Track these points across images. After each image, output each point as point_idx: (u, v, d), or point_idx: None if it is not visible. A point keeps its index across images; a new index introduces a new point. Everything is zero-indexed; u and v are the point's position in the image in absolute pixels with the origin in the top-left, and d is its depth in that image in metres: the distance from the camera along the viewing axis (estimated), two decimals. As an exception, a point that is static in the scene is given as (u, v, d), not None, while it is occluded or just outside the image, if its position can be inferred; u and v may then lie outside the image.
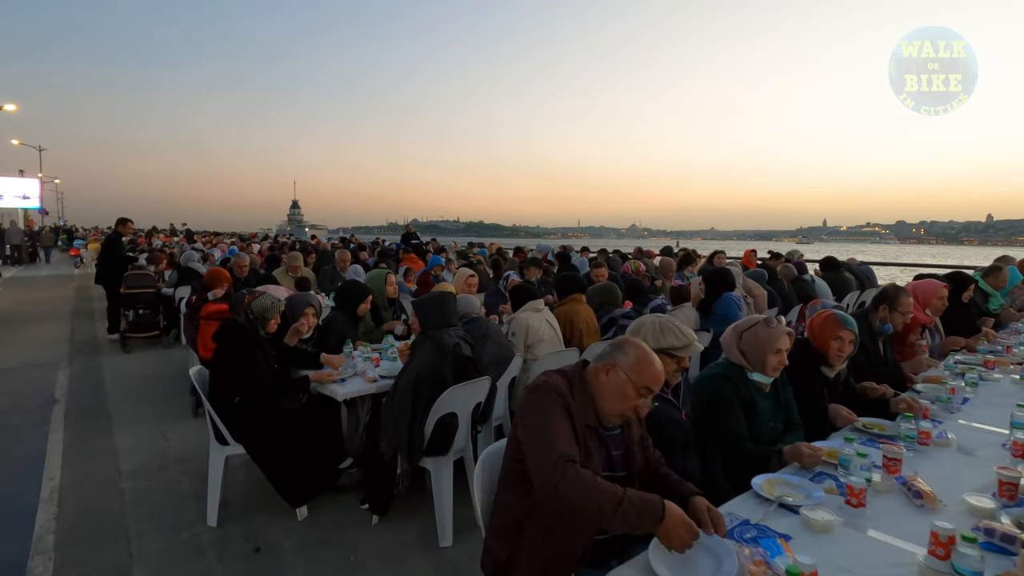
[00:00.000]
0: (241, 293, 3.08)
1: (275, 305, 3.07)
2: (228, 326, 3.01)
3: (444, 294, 3.01)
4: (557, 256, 8.71)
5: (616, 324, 4.15)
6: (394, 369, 3.35)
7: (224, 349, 2.94)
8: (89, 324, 9.05)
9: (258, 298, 3.04)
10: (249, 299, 3.02)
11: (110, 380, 5.83)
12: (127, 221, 8.02)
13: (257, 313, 3.01)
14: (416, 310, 2.93)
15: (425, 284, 6.69)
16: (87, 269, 18.69)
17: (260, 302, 3.03)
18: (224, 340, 2.97)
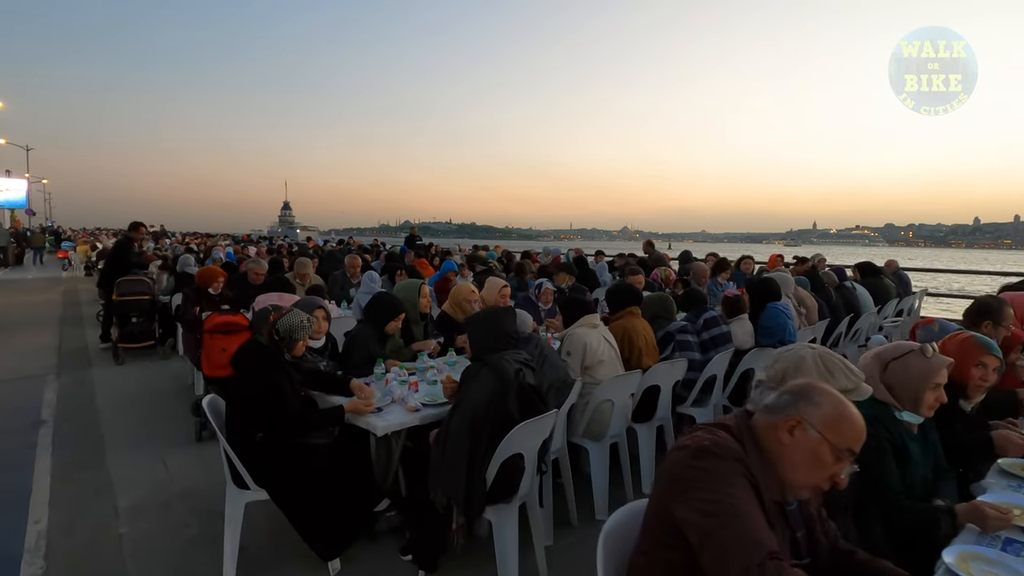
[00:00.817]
0: (265, 309, 2.63)
1: (305, 325, 2.63)
2: (250, 349, 2.56)
3: (501, 310, 2.58)
4: (574, 261, 8.30)
5: (674, 340, 3.74)
6: (436, 395, 2.92)
7: (245, 376, 2.49)
8: (78, 331, 8.52)
9: (285, 315, 2.59)
10: (274, 316, 2.57)
11: (102, 396, 5.34)
12: (140, 225, 7.46)
13: (284, 333, 2.57)
14: (470, 331, 2.50)
15: (443, 292, 6.24)
16: (76, 272, 18.08)
17: (288, 320, 2.58)
18: (245, 365, 2.52)
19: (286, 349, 2.59)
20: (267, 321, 2.56)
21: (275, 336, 2.55)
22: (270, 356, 2.53)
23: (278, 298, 4.57)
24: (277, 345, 2.57)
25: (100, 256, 13.58)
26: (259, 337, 2.57)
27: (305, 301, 3.26)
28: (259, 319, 2.59)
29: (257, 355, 2.52)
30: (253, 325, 2.59)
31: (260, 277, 5.99)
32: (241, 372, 2.51)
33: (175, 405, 5.05)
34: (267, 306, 2.64)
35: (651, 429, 3.48)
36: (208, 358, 4.16)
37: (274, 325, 2.55)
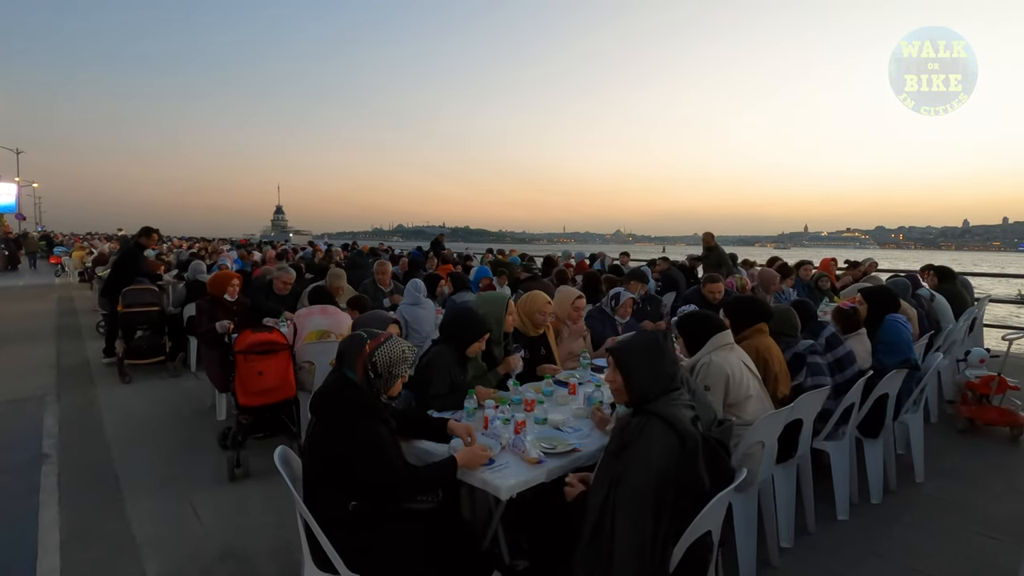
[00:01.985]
0: (357, 337, 2.01)
1: (408, 356, 2.03)
2: (342, 393, 1.93)
3: (659, 336, 1.99)
4: (610, 268, 7.73)
5: (805, 363, 3.16)
6: (557, 439, 2.34)
7: (339, 430, 1.88)
8: (77, 344, 7.85)
9: (384, 344, 1.99)
10: (371, 346, 1.97)
11: (110, 423, 4.70)
12: (152, 231, 6.76)
13: (382, 368, 1.96)
14: (625, 367, 1.92)
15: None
16: (69, 279, 17.31)
17: (388, 351, 1.98)
18: (338, 416, 1.90)
19: (383, 389, 1.99)
20: (361, 352, 1.95)
21: (370, 372, 1.95)
22: (364, 399, 1.93)
23: (321, 312, 3.98)
24: (372, 384, 1.96)
25: (97, 262, 12.88)
26: (349, 374, 1.96)
27: (372, 316, 2.67)
28: (349, 349, 1.98)
29: (352, 402, 1.91)
30: (343, 358, 1.98)
31: (287, 287, 5.38)
32: (332, 425, 1.89)
33: (197, 433, 4.43)
34: (359, 333, 2.02)
35: (790, 470, 2.91)
36: (243, 384, 3.54)
37: (371, 358, 1.95)
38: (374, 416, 1.93)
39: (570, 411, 2.73)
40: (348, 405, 1.91)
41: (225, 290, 4.90)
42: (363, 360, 1.95)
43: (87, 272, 15.28)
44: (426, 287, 6.15)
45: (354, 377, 1.95)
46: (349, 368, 1.96)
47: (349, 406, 1.91)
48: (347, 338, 2.03)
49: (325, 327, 4.02)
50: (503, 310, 3.04)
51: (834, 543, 2.97)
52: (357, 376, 1.95)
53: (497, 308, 3.03)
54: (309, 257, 12.48)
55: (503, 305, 3.05)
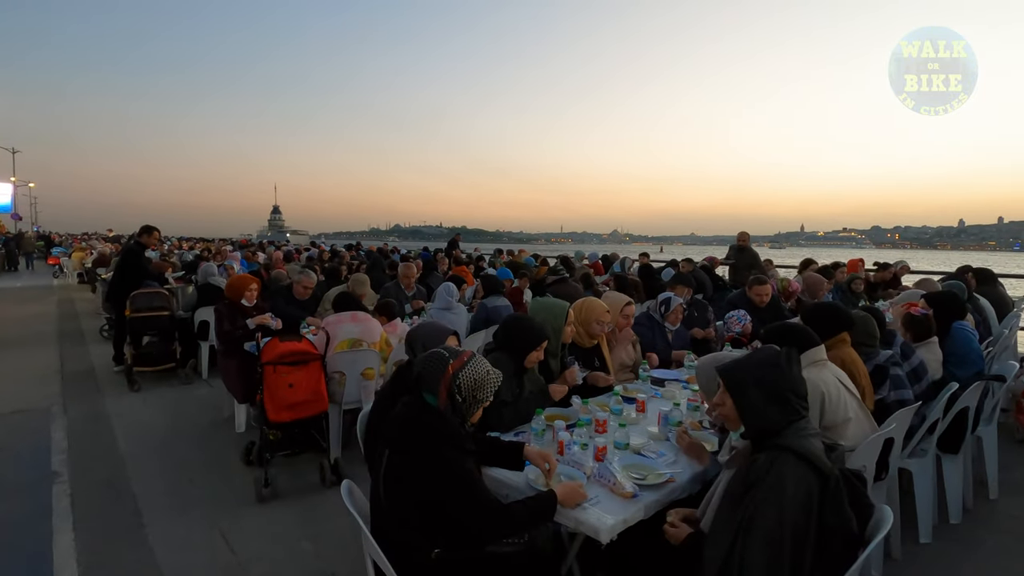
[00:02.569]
0: (437, 356, 1.73)
1: (492, 379, 1.76)
2: (426, 423, 1.65)
3: (782, 352, 1.73)
4: (640, 271, 7.47)
5: (887, 375, 2.92)
6: (643, 468, 2.09)
7: (421, 465, 1.61)
8: (80, 350, 7.56)
9: (468, 364, 1.72)
10: (455, 365, 1.70)
11: (123, 436, 4.42)
12: (153, 230, 6.46)
13: (466, 392, 1.70)
14: (736, 390, 1.67)
15: (517, 304, 5.40)
16: (68, 280, 16.98)
17: (473, 373, 1.71)
18: (418, 447, 1.64)
19: (467, 415, 1.73)
20: (444, 374, 1.68)
21: (456, 397, 1.69)
22: (448, 429, 1.67)
23: (351, 319, 3.72)
24: (457, 410, 1.70)
25: (97, 263, 12.57)
26: (429, 398, 1.70)
27: (430, 329, 2.40)
28: (430, 369, 1.71)
29: (437, 431, 1.64)
30: (422, 381, 1.72)
31: (308, 291, 5.12)
32: (415, 459, 1.62)
33: (216, 447, 4.17)
34: (438, 351, 1.75)
35: (879, 494, 2.66)
36: (272, 397, 3.27)
37: (455, 380, 1.68)
38: (462, 448, 1.67)
39: (645, 432, 2.48)
40: (433, 435, 1.65)
41: (243, 294, 4.63)
42: (447, 383, 1.69)
43: (86, 273, 14.97)
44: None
45: (435, 402, 1.69)
46: (429, 391, 1.70)
47: (434, 437, 1.64)
48: (425, 357, 1.77)
49: (356, 335, 3.76)
50: (563, 319, 2.78)
51: (922, 571, 2.74)
52: (440, 401, 1.69)
53: (556, 316, 2.77)
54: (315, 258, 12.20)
55: (563, 314, 2.79)
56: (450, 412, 1.70)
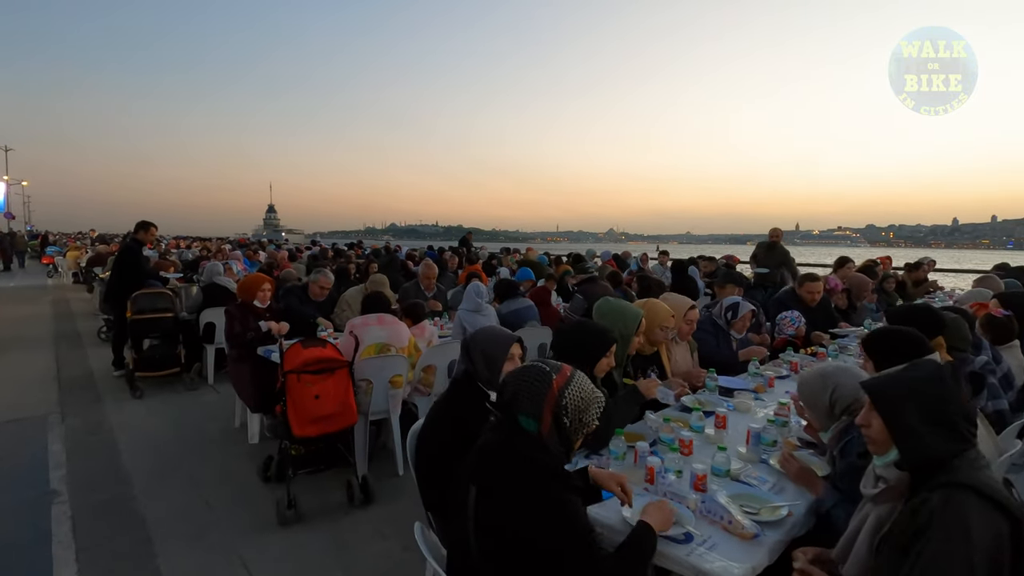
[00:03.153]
0: (537, 372, 1.40)
1: (599, 398, 1.45)
2: (515, 451, 1.35)
3: (944, 367, 1.43)
4: (672, 268, 7.16)
5: (984, 383, 2.62)
6: (754, 500, 1.78)
7: (521, 507, 1.29)
8: (78, 353, 7.20)
9: (573, 381, 1.41)
10: (559, 382, 1.38)
11: (127, 449, 4.09)
12: (150, 225, 6.11)
13: (573, 415, 1.39)
14: (894, 410, 1.37)
15: (542, 304, 5.09)
16: (63, 280, 16.56)
17: (579, 390, 1.40)
18: (518, 485, 1.31)
19: (573, 443, 1.41)
20: (549, 393, 1.36)
21: (564, 419, 1.37)
22: (558, 464, 1.35)
23: (378, 322, 3.41)
24: (563, 437, 1.39)
25: (94, 263, 12.18)
26: (527, 423, 1.37)
27: (490, 333, 2.09)
28: (529, 388, 1.37)
29: (541, 466, 1.31)
30: (516, 398, 1.40)
31: (324, 292, 4.79)
32: (513, 500, 1.30)
33: (228, 461, 3.84)
34: (536, 365, 1.43)
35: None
36: (296, 410, 2.95)
37: (561, 400, 1.37)
38: (574, 486, 1.36)
39: (734, 453, 2.18)
40: (539, 472, 1.33)
41: (255, 295, 4.30)
42: (552, 404, 1.37)
43: (82, 273, 14.57)
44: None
45: (536, 428, 1.37)
46: (528, 414, 1.38)
47: (541, 474, 1.32)
48: (520, 373, 1.45)
49: (384, 339, 3.44)
50: (635, 327, 2.46)
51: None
52: (543, 427, 1.37)
53: (628, 323, 2.45)
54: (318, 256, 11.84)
55: (636, 321, 2.47)
56: (555, 441, 1.38)
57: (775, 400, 2.87)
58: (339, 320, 4.80)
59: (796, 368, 3.38)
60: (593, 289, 5.19)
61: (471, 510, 1.35)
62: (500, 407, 1.45)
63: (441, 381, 3.93)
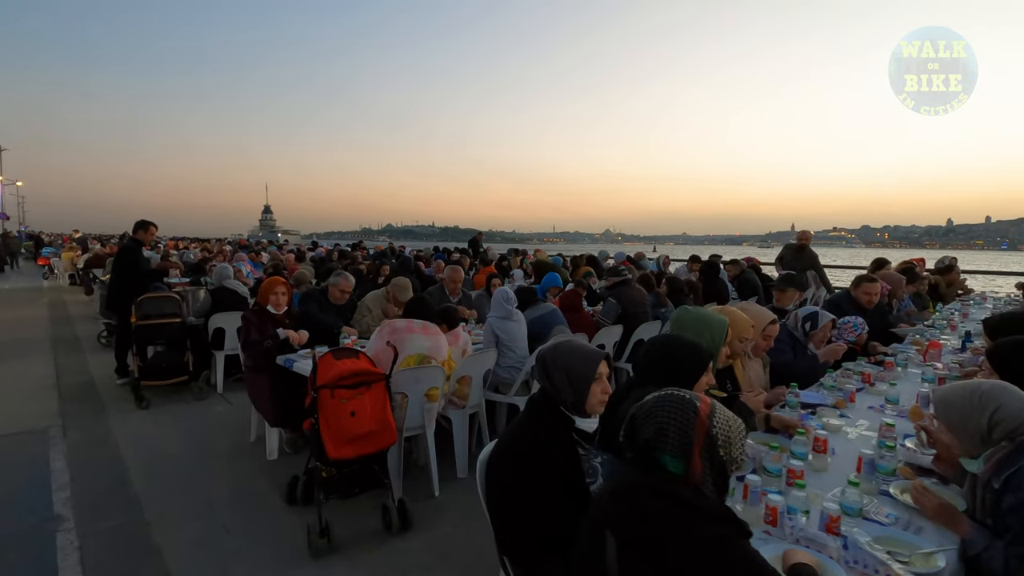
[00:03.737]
0: (676, 401, 1.13)
1: (742, 425, 1.18)
2: (679, 503, 1.06)
3: None
4: (703, 269, 6.88)
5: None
6: (902, 544, 1.51)
7: (694, 565, 1.01)
8: (77, 359, 6.88)
9: (717, 410, 1.14)
10: (704, 411, 1.11)
11: (135, 466, 3.79)
12: (149, 225, 5.82)
13: (724, 451, 1.12)
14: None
15: (574, 310, 4.81)
16: (59, 281, 16.18)
17: (726, 422, 1.13)
18: (683, 543, 1.03)
19: (728, 485, 1.14)
20: (697, 427, 1.08)
21: (718, 454, 1.10)
22: (722, 514, 1.08)
23: (422, 331, 3.12)
24: (720, 478, 1.11)
25: (91, 264, 11.84)
26: (671, 464, 1.09)
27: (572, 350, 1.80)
28: (672, 420, 1.08)
29: (721, 522, 1.05)
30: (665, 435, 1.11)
31: (345, 296, 4.49)
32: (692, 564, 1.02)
33: (246, 479, 3.55)
34: (674, 394, 1.13)
35: None
36: (331, 429, 2.65)
37: (710, 434, 1.09)
38: (747, 532, 1.08)
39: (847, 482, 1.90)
40: (705, 520, 1.05)
41: (268, 299, 4.01)
42: (701, 439, 1.10)
43: (78, 274, 14.21)
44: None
45: (680, 469, 1.10)
46: (674, 454, 1.10)
47: (708, 522, 1.05)
48: (658, 405, 1.17)
49: (425, 350, 3.16)
50: (722, 337, 2.19)
51: None
52: (691, 468, 1.09)
53: (716, 334, 2.17)
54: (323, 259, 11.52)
55: (723, 332, 2.20)
56: (708, 482, 1.11)
57: (861, 417, 2.61)
58: (359, 327, 4.51)
59: (869, 379, 3.11)
60: (627, 293, 4.93)
61: (611, 566, 1.06)
62: (635, 446, 1.17)
63: (476, 393, 3.66)
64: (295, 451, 3.91)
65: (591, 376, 1.72)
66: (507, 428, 1.81)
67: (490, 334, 3.98)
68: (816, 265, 7.12)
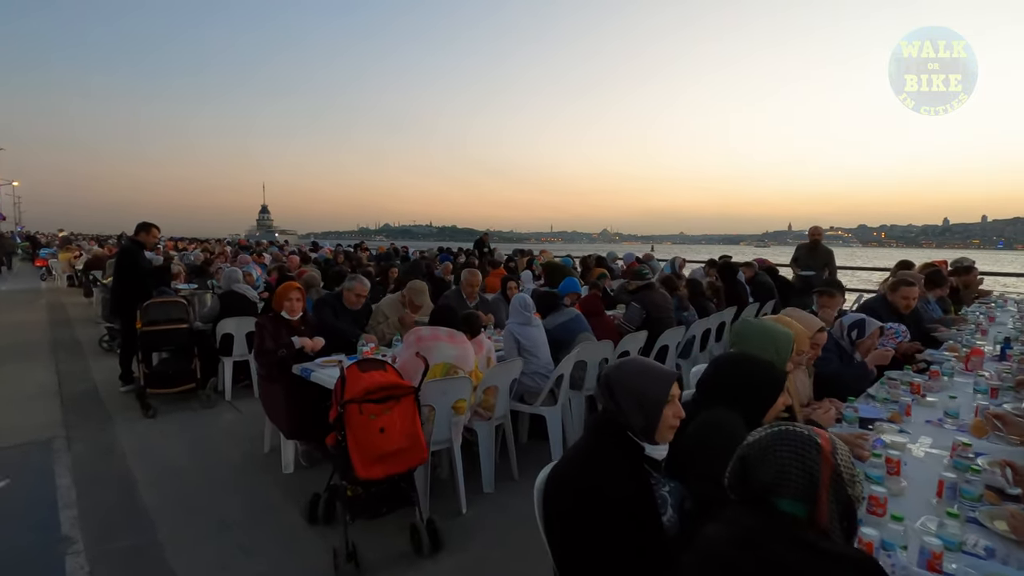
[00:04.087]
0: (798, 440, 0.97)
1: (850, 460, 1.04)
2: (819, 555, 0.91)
3: None
4: (721, 268, 6.74)
5: None
6: None
7: None
8: (80, 364, 6.70)
9: (839, 448, 1.00)
10: (828, 446, 0.96)
11: (144, 480, 3.63)
12: (151, 227, 5.66)
13: (852, 490, 0.97)
14: None
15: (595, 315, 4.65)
16: (57, 283, 15.97)
17: (846, 456, 1.00)
18: None
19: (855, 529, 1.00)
20: (823, 463, 0.94)
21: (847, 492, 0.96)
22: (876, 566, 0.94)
23: (448, 339, 2.97)
24: (848, 523, 0.97)
25: (91, 266, 11.65)
26: (794, 508, 0.94)
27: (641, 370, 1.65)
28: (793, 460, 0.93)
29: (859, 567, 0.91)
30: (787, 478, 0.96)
31: (361, 300, 4.34)
32: None
33: (263, 495, 3.40)
34: (789, 428, 0.97)
35: None
36: (360, 447, 2.50)
37: (837, 472, 0.95)
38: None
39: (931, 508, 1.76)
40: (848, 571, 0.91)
41: (282, 305, 3.85)
42: (828, 479, 0.96)
43: (77, 276, 14.01)
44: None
45: (804, 513, 0.95)
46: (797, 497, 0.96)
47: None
48: (775, 443, 1.02)
49: (452, 359, 3.01)
50: (788, 352, 2.04)
51: None
52: (817, 512, 0.95)
53: (780, 349, 2.01)
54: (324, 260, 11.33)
55: (789, 345, 2.05)
56: (836, 527, 0.96)
57: (920, 432, 2.47)
58: (375, 334, 4.35)
59: (918, 390, 2.96)
60: (651, 297, 4.79)
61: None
62: (748, 490, 1.02)
63: (502, 403, 3.50)
64: (311, 464, 3.76)
65: (663, 399, 1.57)
66: (569, 455, 1.66)
67: (511, 340, 3.83)
68: (831, 263, 6.97)
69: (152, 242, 5.92)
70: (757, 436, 1.09)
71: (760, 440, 1.08)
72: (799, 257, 7.38)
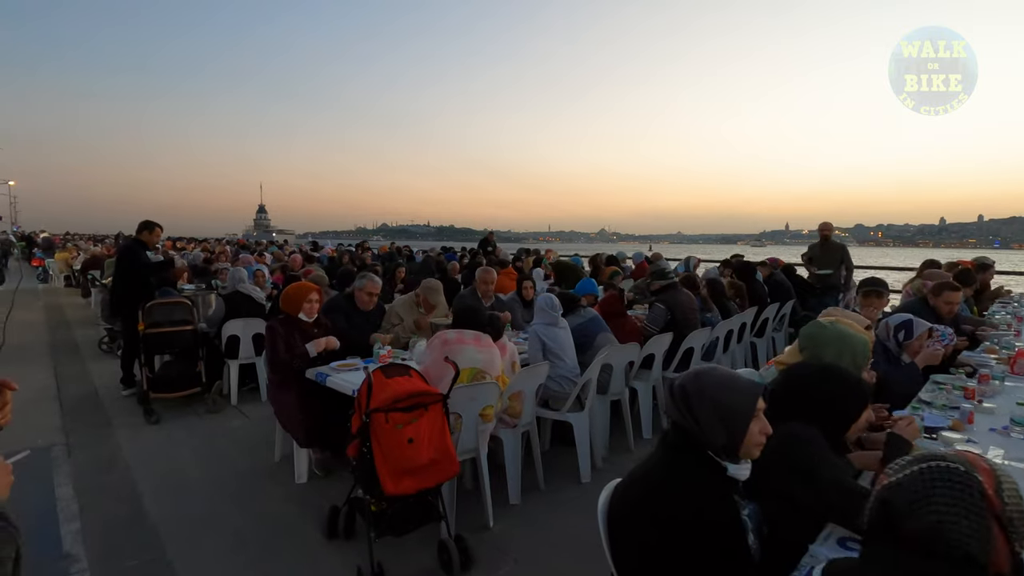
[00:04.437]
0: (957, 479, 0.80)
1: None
2: None
3: None
4: (739, 267, 6.57)
5: None
6: None
7: None
8: (78, 368, 6.50)
9: (1001, 475, 0.83)
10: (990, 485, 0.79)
11: (150, 492, 3.43)
12: (155, 227, 5.47)
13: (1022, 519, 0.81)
14: None
15: (617, 316, 4.48)
16: (54, 283, 15.72)
17: (1011, 487, 0.83)
18: None
19: None
20: (987, 504, 0.77)
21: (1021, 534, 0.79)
22: None
23: (475, 342, 2.80)
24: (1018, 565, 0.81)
25: (89, 266, 11.43)
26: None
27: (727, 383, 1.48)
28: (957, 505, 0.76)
29: None
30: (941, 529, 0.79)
31: (373, 299, 4.16)
32: None
33: (276, 506, 3.22)
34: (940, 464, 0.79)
35: None
36: (388, 460, 2.31)
37: (1006, 513, 0.79)
38: None
39: None
40: None
41: (300, 307, 3.66)
42: (996, 524, 0.79)
43: (74, 276, 13.78)
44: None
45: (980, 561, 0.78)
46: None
47: None
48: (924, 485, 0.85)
49: (479, 364, 2.83)
50: (865, 358, 1.86)
51: None
52: (993, 561, 0.79)
53: (857, 355, 1.83)
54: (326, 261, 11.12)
55: (866, 351, 1.87)
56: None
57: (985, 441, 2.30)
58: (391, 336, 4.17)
59: (972, 395, 2.80)
60: (676, 298, 4.62)
61: None
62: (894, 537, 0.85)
63: (528, 409, 3.33)
64: (325, 474, 3.58)
65: (750, 413, 1.40)
66: (640, 475, 1.49)
67: (536, 342, 3.66)
68: (846, 259, 6.80)
69: (155, 242, 5.73)
70: (901, 476, 0.91)
71: (907, 480, 0.90)
72: (814, 256, 7.22)
